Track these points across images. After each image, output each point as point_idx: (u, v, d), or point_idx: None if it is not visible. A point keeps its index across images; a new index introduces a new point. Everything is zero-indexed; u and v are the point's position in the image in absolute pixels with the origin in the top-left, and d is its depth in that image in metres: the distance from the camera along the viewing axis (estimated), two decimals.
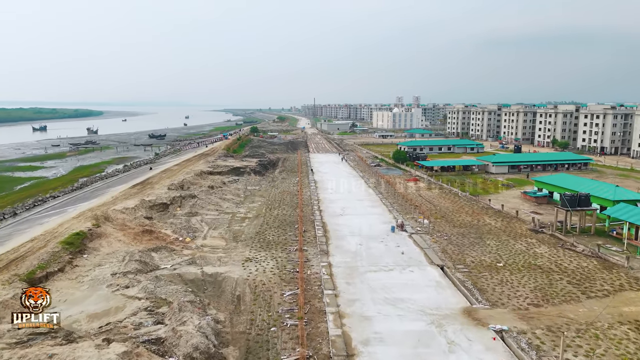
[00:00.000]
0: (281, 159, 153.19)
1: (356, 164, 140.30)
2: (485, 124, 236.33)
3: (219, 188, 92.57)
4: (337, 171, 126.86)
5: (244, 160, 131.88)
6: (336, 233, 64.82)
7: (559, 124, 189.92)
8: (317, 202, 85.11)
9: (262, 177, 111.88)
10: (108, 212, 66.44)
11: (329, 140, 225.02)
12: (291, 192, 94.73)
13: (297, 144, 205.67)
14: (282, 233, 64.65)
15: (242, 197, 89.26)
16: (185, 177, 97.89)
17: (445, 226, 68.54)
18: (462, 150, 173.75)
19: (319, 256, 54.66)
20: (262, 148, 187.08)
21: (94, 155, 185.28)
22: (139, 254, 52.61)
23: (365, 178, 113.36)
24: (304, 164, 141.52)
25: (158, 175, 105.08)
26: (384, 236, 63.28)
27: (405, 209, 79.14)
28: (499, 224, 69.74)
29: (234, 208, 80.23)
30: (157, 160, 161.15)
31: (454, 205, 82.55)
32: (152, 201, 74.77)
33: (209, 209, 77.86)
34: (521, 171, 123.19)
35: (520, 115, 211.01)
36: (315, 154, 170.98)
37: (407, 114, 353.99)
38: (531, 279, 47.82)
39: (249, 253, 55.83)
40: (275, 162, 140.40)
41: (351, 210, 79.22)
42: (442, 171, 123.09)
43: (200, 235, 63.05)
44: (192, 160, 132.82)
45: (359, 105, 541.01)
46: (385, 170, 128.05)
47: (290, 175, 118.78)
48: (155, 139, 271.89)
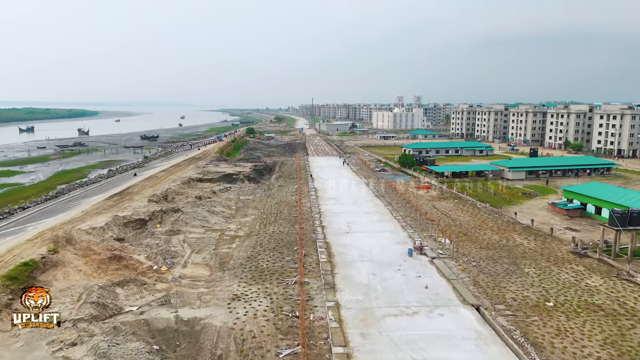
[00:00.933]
0: (278, 163, 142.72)
1: (359, 169, 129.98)
2: (492, 125, 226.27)
3: (207, 199, 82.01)
4: (339, 177, 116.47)
5: (237, 165, 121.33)
6: (343, 257, 54.40)
7: (571, 125, 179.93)
8: (318, 216, 74.71)
9: (256, 185, 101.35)
10: (72, 233, 55.86)
11: (328, 142, 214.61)
12: (289, 203, 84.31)
13: (295, 146, 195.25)
14: (278, 258, 54.20)
15: (233, 210, 78.77)
16: (170, 186, 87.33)
17: (470, 247, 58.20)
18: (470, 153, 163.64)
19: (323, 291, 44.24)
20: (258, 151, 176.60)
21: (79, 159, 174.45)
22: (99, 291, 42.08)
23: (371, 185, 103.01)
24: (303, 168, 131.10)
25: (140, 184, 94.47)
26: (400, 262, 52.91)
27: (420, 225, 68.81)
28: (533, 245, 59.45)
29: (224, 224, 69.72)
30: (145, 164, 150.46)
31: (475, 220, 72.25)
32: (127, 217, 64.20)
33: (194, 225, 67.33)
34: (539, 177, 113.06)
35: (530, 116, 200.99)
36: (315, 157, 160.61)
37: (408, 114, 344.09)
38: (595, 327, 37.52)
39: (238, 287, 45.36)
40: (271, 167, 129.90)
41: (358, 226, 68.82)
42: (453, 177, 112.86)
43: (179, 261, 52.50)
44: (181, 165, 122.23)
45: (358, 105, 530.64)
46: (391, 176, 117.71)
47: (288, 182, 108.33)
48: (147, 141, 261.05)
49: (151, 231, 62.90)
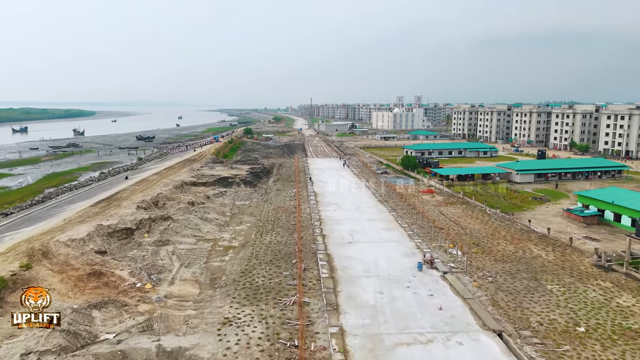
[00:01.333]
0: (276, 165, 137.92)
1: (360, 171, 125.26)
2: (495, 125, 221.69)
3: (200, 205, 77.16)
4: (339, 180, 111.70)
5: (233, 168, 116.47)
6: (346, 272, 49.63)
7: (577, 125, 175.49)
8: (318, 223, 69.93)
9: (253, 189, 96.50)
10: (49, 245, 51.03)
11: (327, 143, 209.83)
12: (287, 209, 79.54)
13: (293, 147, 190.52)
14: (275, 272, 49.41)
15: (228, 216, 73.98)
16: (161, 191, 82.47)
17: (484, 260, 53.50)
18: (474, 154, 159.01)
19: (325, 314, 39.48)
20: (255, 152, 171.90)
21: (71, 160, 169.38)
22: (73, 315, 37.29)
23: (373, 189, 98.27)
24: (302, 171, 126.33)
25: (131, 188, 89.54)
26: (409, 277, 48.17)
27: (428, 233, 64.08)
28: (552, 257, 54.76)
29: (217, 232, 64.90)
30: (139, 167, 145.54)
31: (486, 228, 67.54)
32: (112, 226, 59.35)
33: (185, 234, 62.50)
34: (548, 180, 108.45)
35: (534, 116, 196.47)
36: (314, 159, 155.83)
37: (409, 114, 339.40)
38: (637, 358, 32.86)
39: (229, 309, 40.56)
40: (269, 170, 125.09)
41: (361, 234, 64.04)
42: (458, 180, 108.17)
43: (166, 277, 47.69)
44: (174, 168, 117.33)
45: (357, 105, 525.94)
46: (393, 179, 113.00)
47: (287, 185, 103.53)
48: (142, 141, 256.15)
49: (138, 241, 58.05)
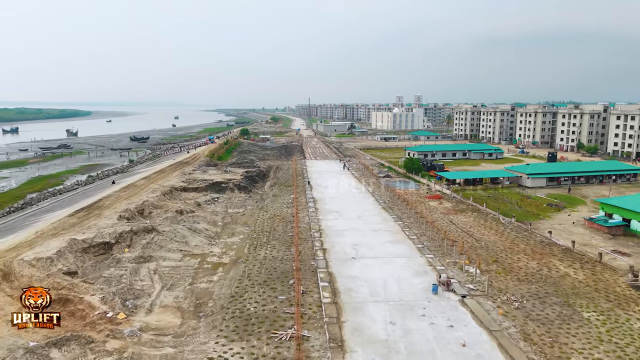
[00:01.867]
0: (273, 167, 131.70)
1: (361, 174, 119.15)
2: (498, 126, 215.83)
3: (189, 214, 70.90)
4: (340, 184, 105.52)
5: (227, 172, 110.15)
6: (351, 296, 43.45)
7: (584, 126, 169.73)
8: (318, 235, 63.76)
9: (248, 195, 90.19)
10: (12, 265, 44.75)
11: (326, 144, 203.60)
12: (284, 217, 73.37)
13: (291, 149, 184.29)
14: (269, 297, 43.21)
15: (219, 226, 67.74)
16: (148, 198, 76.17)
17: (507, 280, 47.40)
18: (479, 156, 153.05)
19: (328, 353, 33.31)
20: (252, 153, 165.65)
21: (60, 163, 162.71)
22: (26, 356, 31.06)
23: (376, 194, 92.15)
24: (300, 174, 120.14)
25: (115, 195, 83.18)
26: (423, 302, 42.03)
27: (440, 246, 57.98)
28: (581, 275, 48.73)
29: (206, 246, 58.64)
30: (129, 170, 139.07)
31: (503, 240, 61.47)
32: (87, 241, 53.06)
33: (171, 248, 56.24)
34: (560, 184, 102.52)
35: (539, 116, 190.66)
36: (313, 161, 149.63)
37: (409, 114, 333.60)
38: None
39: (215, 346, 34.32)
40: (265, 173, 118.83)
41: (367, 249, 57.86)
42: (466, 185, 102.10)
43: (144, 303, 41.44)
44: (165, 172, 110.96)
45: (356, 105, 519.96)
46: (397, 183, 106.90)
47: (284, 190, 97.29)
48: (136, 142, 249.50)
49: (117, 258, 51.79)
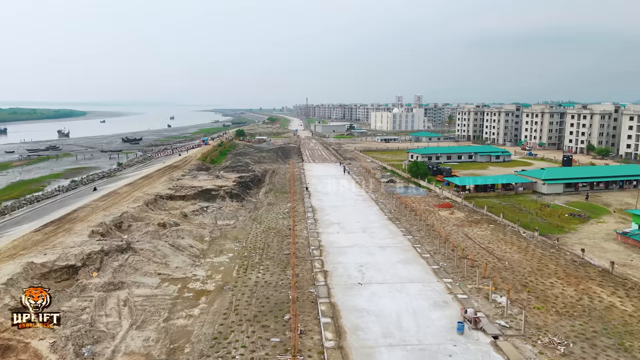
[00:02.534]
0: (269, 171, 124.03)
1: (363, 179, 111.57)
2: (502, 127, 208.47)
3: (173, 228, 63.14)
4: (340, 191, 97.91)
5: (219, 177, 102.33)
6: (359, 338, 35.75)
7: (595, 127, 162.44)
8: (318, 253, 56.11)
9: (240, 204, 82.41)
10: None
11: (325, 146, 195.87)
12: (280, 231, 65.74)
13: (288, 151, 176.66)
14: (260, 338, 35.50)
15: (206, 242, 60.04)
16: (128, 209, 68.38)
17: (544, 314, 39.80)
18: (485, 158, 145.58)
19: None
20: (247, 156, 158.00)
21: (45, 166, 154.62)
22: None
23: (380, 202, 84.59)
24: (298, 179, 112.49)
25: (93, 204, 75.35)
26: (448, 345, 34.42)
27: (457, 267, 50.42)
28: (629, 306, 41.18)
29: (189, 267, 50.92)
30: (117, 174, 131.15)
31: (527, 258, 53.92)
32: (48, 264, 45.29)
33: (148, 271, 48.49)
34: (578, 190, 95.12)
35: (546, 117, 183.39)
36: (311, 164, 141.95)
37: (409, 114, 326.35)
38: None
39: None
40: (260, 178, 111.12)
41: (374, 271, 50.19)
42: (476, 191, 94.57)
43: (105, 350, 33.65)
44: (152, 177, 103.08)
45: (354, 105, 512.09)
46: (402, 189, 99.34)
47: (280, 198, 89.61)
48: (128, 144, 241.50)
49: (82, 285, 44.04)
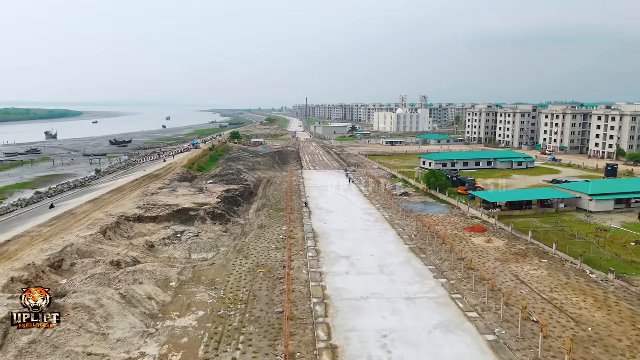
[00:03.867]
0: (263, 181, 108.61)
1: (372, 191, 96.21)
2: (518, 129, 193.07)
3: (130, 268, 47.56)
4: (347, 208, 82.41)
5: (204, 191, 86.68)
6: None
7: (625, 129, 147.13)
8: (323, 311, 40.63)
9: (224, 227, 66.73)
10: None
11: (326, 150, 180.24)
12: (271, 270, 50.30)
13: (287, 155, 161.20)
14: None
15: (171, 291, 44.59)
16: (77, 240, 52.88)
17: None
18: (506, 165, 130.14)
19: None
20: (240, 161, 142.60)
21: (16, 173, 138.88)
22: None
23: (397, 224, 69.25)
24: (296, 190, 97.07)
25: (35, 232, 59.65)
26: None
27: (522, 336, 34.98)
28: None
29: (137, 340, 35.40)
30: (91, 183, 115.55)
31: (616, 320, 38.39)
32: None
33: (72, 351, 32.92)
34: (631, 207, 79.76)
35: (567, 118, 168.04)
36: (311, 172, 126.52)
37: (413, 115, 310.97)
38: None
39: None
40: (253, 190, 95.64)
41: (403, 345, 34.61)
42: (510, 208, 79.09)
43: None
44: (124, 191, 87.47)
45: (356, 106, 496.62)
46: (420, 205, 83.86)
47: (274, 218, 74.17)
48: (115, 147, 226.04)
49: None
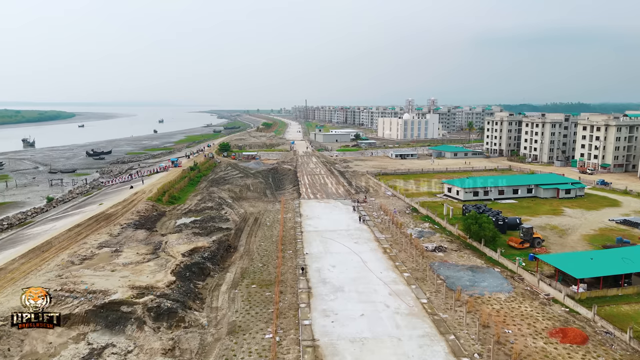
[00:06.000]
0: (249, 221, 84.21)
1: (392, 240, 71.87)
2: (547, 141, 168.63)
3: None
4: (362, 280, 57.59)
5: (159, 251, 61.68)
6: None
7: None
8: None
9: (172, 336, 41.93)
10: None
11: (328, 167, 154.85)
12: None
13: (282, 176, 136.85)
14: None
15: None
16: None
17: None
18: (550, 193, 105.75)
19: None
20: (226, 184, 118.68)
21: None
22: None
23: (442, 323, 44.85)
24: (291, 241, 72.61)
25: None
26: None
27: None
28: None
29: None
30: (28, 222, 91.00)
31: None
32: None
33: None
34: None
35: (611, 131, 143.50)
36: (311, 203, 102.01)
37: (421, 121, 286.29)
38: None
39: None
40: (232, 240, 70.98)
41: None
42: (604, 285, 54.52)
43: None
44: (50, 249, 62.57)
45: (357, 109, 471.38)
46: (466, 274, 59.21)
47: (255, 306, 49.45)
48: (91, 159, 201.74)
49: None
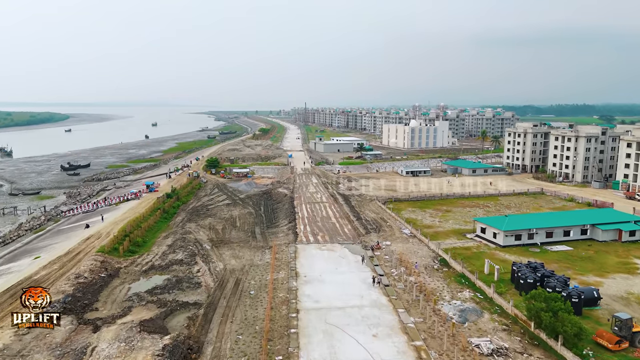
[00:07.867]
0: (227, 285, 62.64)
1: (424, 326, 50.34)
2: (582, 158, 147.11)
3: None
4: None
5: None
6: None
7: None
8: None
9: None
10: None
11: (331, 193, 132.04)
12: None
13: (276, 204, 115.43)
14: None
15: None
16: None
17: None
18: (611, 236, 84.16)
19: None
20: (207, 217, 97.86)
21: None
22: None
23: None
24: (282, 331, 50.98)
25: None
26: None
27: None
28: None
29: None
30: None
31: None
32: None
33: None
34: None
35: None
36: (310, 251, 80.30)
37: (430, 128, 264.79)
38: None
39: None
40: (197, 333, 49.43)
41: None
42: None
43: None
44: None
45: (359, 112, 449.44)
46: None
47: None
48: (66, 174, 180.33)
49: None
